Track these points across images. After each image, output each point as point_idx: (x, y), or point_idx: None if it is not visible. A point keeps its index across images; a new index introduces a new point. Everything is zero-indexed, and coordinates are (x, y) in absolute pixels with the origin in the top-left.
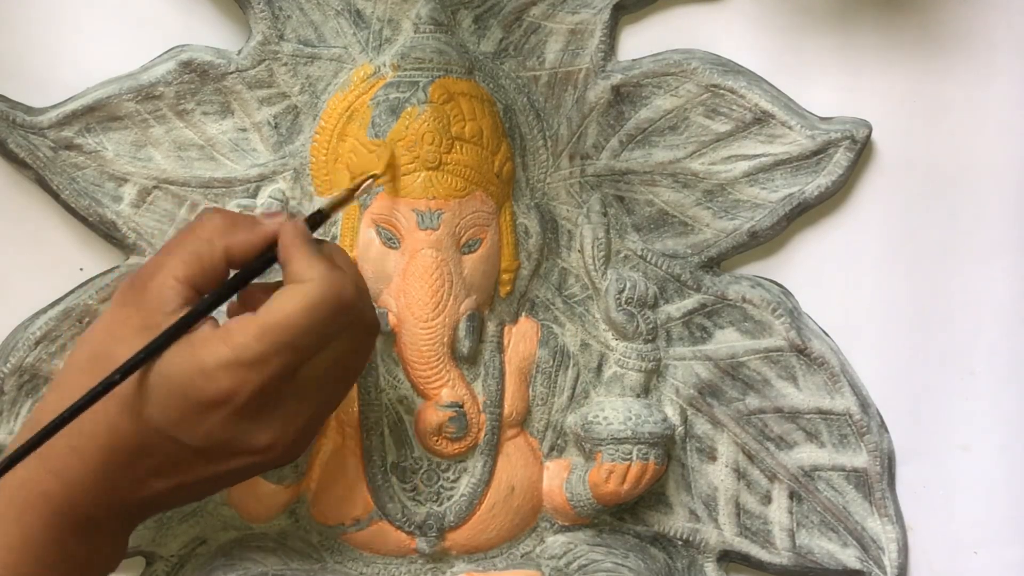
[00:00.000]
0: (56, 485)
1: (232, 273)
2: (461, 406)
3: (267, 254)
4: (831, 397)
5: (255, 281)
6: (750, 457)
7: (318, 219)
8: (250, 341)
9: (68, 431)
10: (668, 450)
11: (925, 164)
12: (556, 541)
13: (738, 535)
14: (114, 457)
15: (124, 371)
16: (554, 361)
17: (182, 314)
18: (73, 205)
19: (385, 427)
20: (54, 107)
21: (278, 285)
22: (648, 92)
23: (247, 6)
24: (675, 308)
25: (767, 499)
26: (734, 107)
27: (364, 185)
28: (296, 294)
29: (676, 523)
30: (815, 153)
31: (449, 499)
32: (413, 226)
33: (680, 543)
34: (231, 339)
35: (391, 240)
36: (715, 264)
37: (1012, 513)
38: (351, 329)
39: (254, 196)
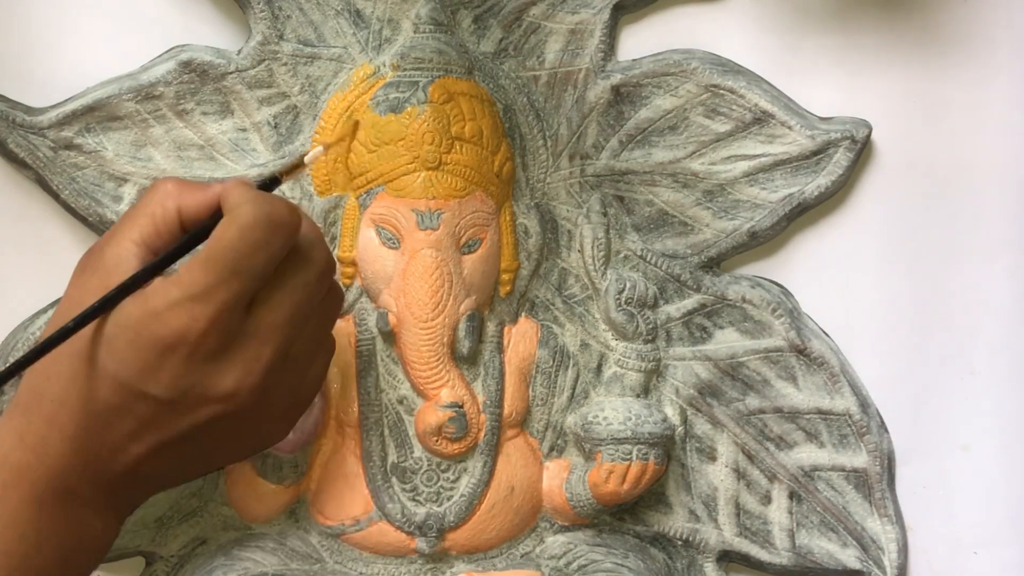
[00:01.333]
0: (34, 459)
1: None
2: (461, 406)
3: (218, 213)
4: (831, 397)
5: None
6: (750, 457)
7: (269, 184)
8: (195, 276)
9: (40, 401)
10: (668, 450)
11: (925, 164)
12: (556, 541)
13: (738, 535)
14: (87, 422)
15: (78, 321)
16: (554, 361)
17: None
18: (73, 205)
19: (385, 427)
20: (54, 107)
21: None
22: (648, 92)
23: (247, 6)
24: (675, 308)
25: (767, 499)
26: (734, 107)
27: (313, 153)
28: (229, 220)
29: (676, 523)
30: (815, 153)
31: (449, 499)
32: (413, 226)
33: (680, 543)
34: (178, 279)
35: (391, 240)
36: (715, 264)
37: (1012, 513)
38: (301, 263)
39: None
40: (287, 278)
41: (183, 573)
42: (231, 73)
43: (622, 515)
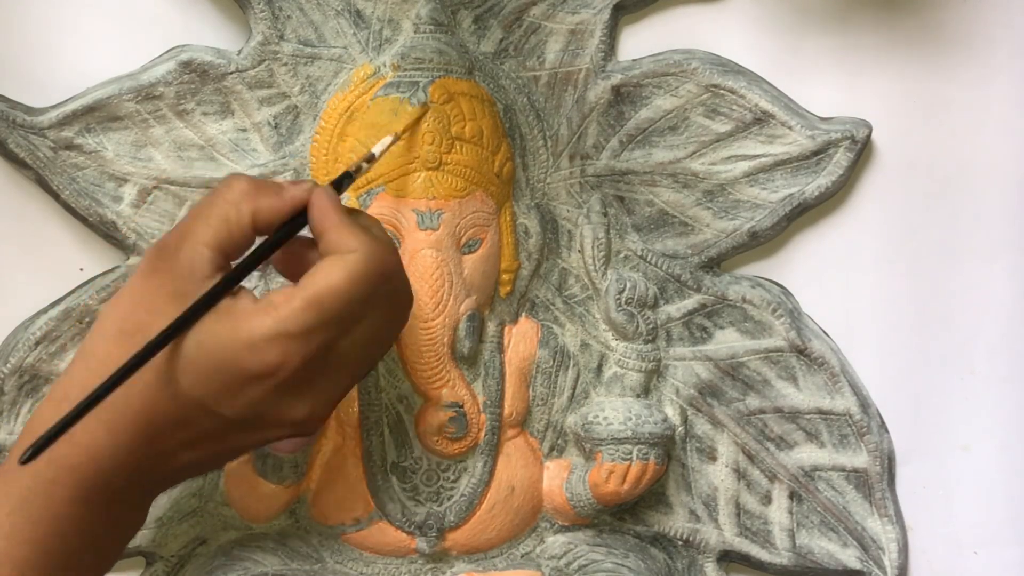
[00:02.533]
0: (82, 458)
1: (259, 240)
2: (461, 406)
3: (297, 219)
4: (831, 397)
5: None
6: (750, 457)
7: (344, 181)
8: (296, 313)
9: (99, 405)
10: (668, 450)
11: (925, 164)
12: (556, 541)
13: (738, 535)
14: (147, 431)
15: (160, 342)
16: (554, 361)
17: (214, 281)
18: (73, 205)
19: (385, 427)
20: (54, 107)
21: (312, 242)
22: (648, 92)
23: (247, 6)
24: (675, 308)
25: (767, 499)
26: (734, 107)
27: (382, 144)
28: (342, 265)
29: (676, 523)
30: (815, 153)
31: (449, 499)
32: (413, 226)
33: (680, 543)
34: (276, 312)
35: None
36: (715, 264)
37: (1012, 513)
38: (389, 300)
39: None
40: (375, 313)
41: (183, 573)
42: (231, 73)
43: (622, 515)
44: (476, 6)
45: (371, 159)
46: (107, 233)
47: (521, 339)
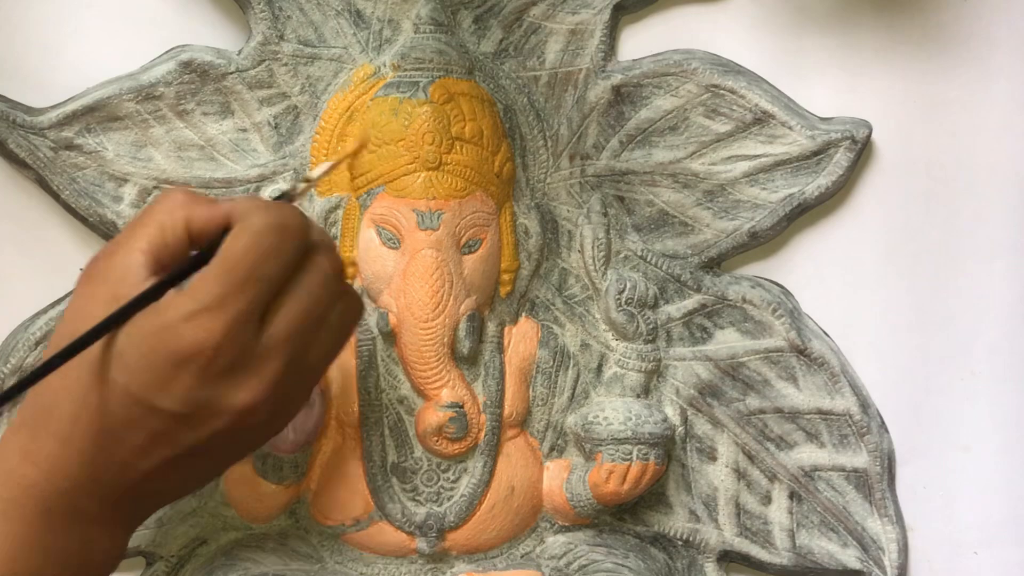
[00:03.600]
0: (39, 476)
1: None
2: (461, 406)
3: (228, 229)
4: (831, 397)
5: None
6: (750, 457)
7: (283, 198)
8: (208, 285)
9: (47, 418)
10: (668, 450)
11: (925, 164)
12: (556, 541)
13: (738, 535)
14: (95, 438)
15: (87, 337)
16: (554, 361)
17: (148, 284)
18: (73, 205)
19: (385, 427)
20: (54, 107)
21: None
22: (648, 92)
23: (247, 6)
24: (675, 308)
25: (767, 499)
26: (734, 107)
27: (320, 169)
28: (240, 230)
29: (676, 523)
30: (815, 153)
31: (449, 499)
32: (413, 226)
33: (680, 543)
34: (192, 292)
35: (391, 240)
36: (715, 264)
37: (1012, 513)
38: (311, 268)
39: None
40: (295, 286)
41: (183, 573)
42: (231, 73)
43: (622, 515)
44: (476, 6)
45: (308, 180)
46: (107, 233)
47: (521, 339)
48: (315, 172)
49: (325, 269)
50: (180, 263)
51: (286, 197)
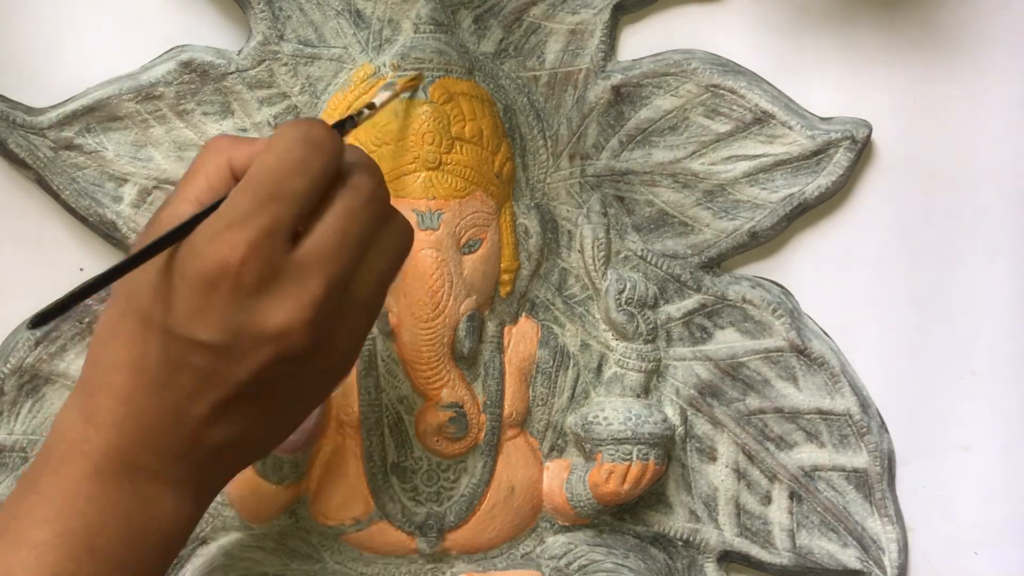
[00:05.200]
0: (93, 432)
1: None
2: (461, 406)
3: None
4: (831, 397)
5: None
6: (750, 457)
7: (346, 125)
8: (233, 203)
9: (99, 373)
10: (668, 450)
11: (925, 164)
12: (556, 541)
13: (738, 535)
14: (144, 386)
15: (113, 271)
16: (554, 361)
17: None
18: (73, 205)
19: (385, 427)
20: (54, 107)
21: None
22: (648, 92)
23: (247, 6)
24: (675, 308)
25: (767, 499)
26: (734, 107)
27: (382, 95)
28: (267, 147)
29: (676, 523)
30: (815, 153)
31: (449, 499)
32: (413, 226)
33: (680, 543)
34: (217, 213)
35: None
36: (715, 264)
37: (1012, 513)
38: (345, 189)
39: None
40: (331, 205)
41: (183, 573)
42: (231, 73)
43: (622, 515)
44: (476, 6)
45: (372, 107)
46: (107, 233)
47: (521, 339)
48: (378, 99)
49: (365, 189)
50: (220, 199)
51: (350, 123)
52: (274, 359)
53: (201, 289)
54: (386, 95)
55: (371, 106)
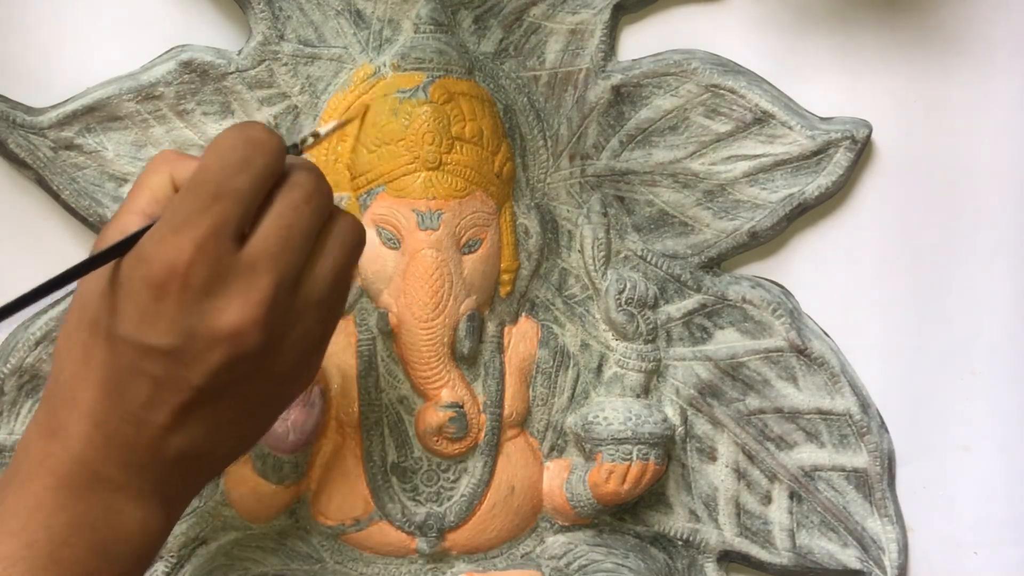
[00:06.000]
0: (56, 445)
1: None
2: (461, 406)
3: None
4: (831, 397)
5: None
6: (750, 457)
7: (289, 152)
8: (177, 206)
9: (58, 387)
10: (668, 450)
11: (925, 164)
12: (556, 541)
13: (738, 535)
14: (99, 392)
15: (52, 282)
16: (554, 361)
17: None
18: (73, 205)
19: (385, 427)
20: (54, 107)
21: None
22: (648, 92)
23: (247, 6)
24: (675, 308)
25: (767, 499)
26: (734, 107)
27: (327, 127)
28: (208, 149)
29: (676, 523)
30: (815, 153)
31: (449, 499)
32: (413, 226)
33: (680, 543)
34: (161, 219)
35: (391, 240)
36: (715, 264)
37: (1012, 513)
38: (287, 187)
39: None
40: (273, 202)
41: (183, 573)
42: (231, 73)
43: (622, 515)
44: (476, 6)
45: (316, 135)
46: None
47: (521, 339)
48: (323, 128)
49: (306, 185)
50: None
51: (293, 150)
52: (227, 360)
53: (150, 294)
54: (332, 124)
55: (316, 135)
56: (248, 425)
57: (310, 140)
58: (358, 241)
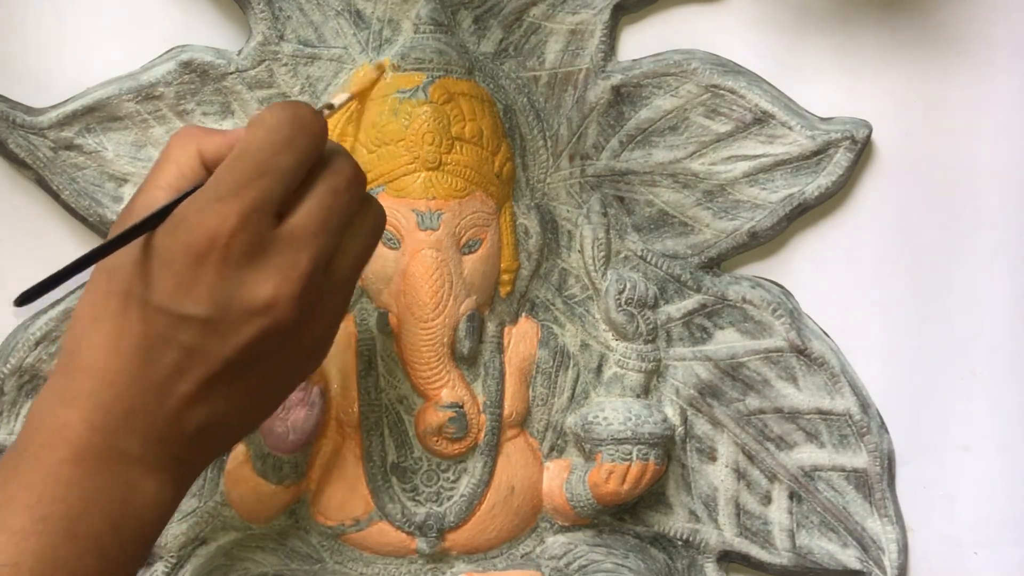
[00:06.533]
0: (74, 416)
1: None
2: (461, 406)
3: None
4: (831, 397)
5: None
6: (750, 457)
7: None
8: (221, 177)
9: (79, 354)
10: (668, 450)
11: (925, 164)
12: (556, 541)
13: (738, 535)
14: (127, 364)
15: (92, 254)
16: (554, 361)
17: None
18: (73, 205)
19: (385, 427)
20: (54, 107)
21: None
22: (648, 92)
23: (247, 6)
24: (675, 309)
25: (767, 499)
26: (734, 107)
27: (341, 97)
28: (255, 123)
29: (676, 523)
30: (815, 153)
31: (449, 499)
32: (413, 226)
33: (680, 543)
34: (205, 188)
35: (391, 240)
36: (715, 265)
37: (1012, 513)
38: (328, 171)
39: None
40: (315, 184)
41: (183, 573)
42: (231, 73)
43: (622, 515)
44: (476, 6)
45: (330, 107)
46: (107, 233)
47: (521, 339)
48: (337, 99)
49: (348, 171)
50: (195, 186)
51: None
52: (260, 333)
53: (189, 262)
54: (344, 97)
55: (330, 106)
56: (265, 400)
57: (325, 112)
58: (381, 229)
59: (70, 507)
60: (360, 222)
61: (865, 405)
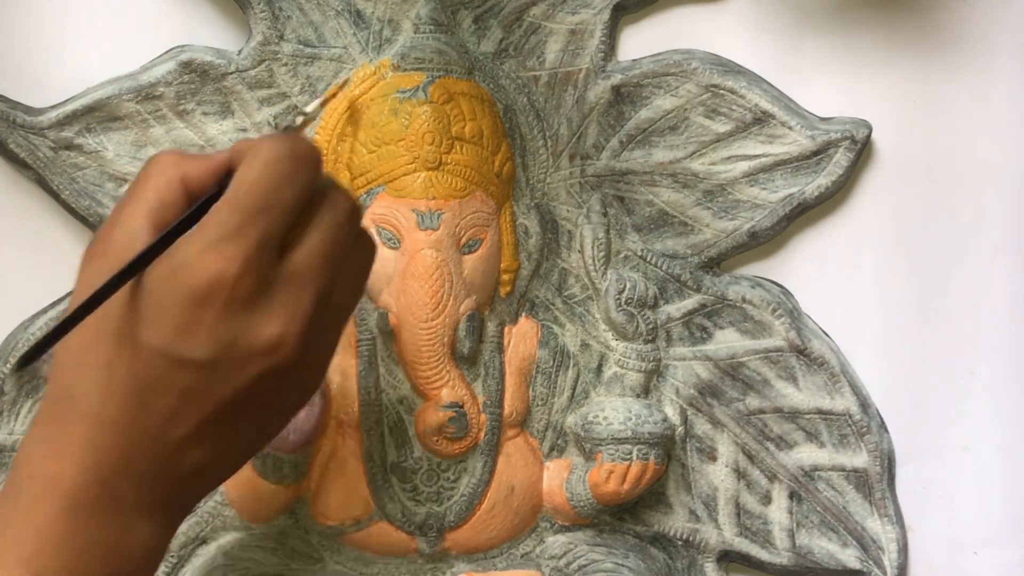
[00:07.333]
0: (66, 466)
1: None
2: (461, 406)
3: (226, 179)
4: (831, 397)
5: None
6: (750, 457)
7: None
8: (222, 217)
9: (70, 401)
10: (668, 450)
11: (925, 164)
12: (556, 541)
13: (738, 535)
14: (123, 409)
15: (89, 301)
16: (554, 361)
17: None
18: (73, 205)
19: (385, 427)
20: (54, 107)
21: None
22: (648, 92)
23: (247, 6)
24: (675, 308)
25: (767, 499)
26: (734, 107)
27: (314, 104)
28: (252, 158)
29: (676, 523)
30: (815, 153)
31: (449, 499)
32: (413, 226)
33: (680, 543)
34: (204, 226)
35: (391, 240)
36: (715, 264)
37: (1012, 513)
38: (327, 204)
39: None
40: (316, 219)
41: (183, 573)
42: (231, 73)
43: (622, 515)
44: (476, 6)
45: (304, 115)
46: None
47: (521, 339)
48: (310, 106)
49: (346, 204)
50: (186, 211)
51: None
52: (261, 373)
53: (190, 305)
54: (316, 102)
55: (303, 114)
56: (260, 436)
57: (299, 121)
58: (372, 261)
59: (66, 559)
60: (356, 256)
61: (865, 405)
